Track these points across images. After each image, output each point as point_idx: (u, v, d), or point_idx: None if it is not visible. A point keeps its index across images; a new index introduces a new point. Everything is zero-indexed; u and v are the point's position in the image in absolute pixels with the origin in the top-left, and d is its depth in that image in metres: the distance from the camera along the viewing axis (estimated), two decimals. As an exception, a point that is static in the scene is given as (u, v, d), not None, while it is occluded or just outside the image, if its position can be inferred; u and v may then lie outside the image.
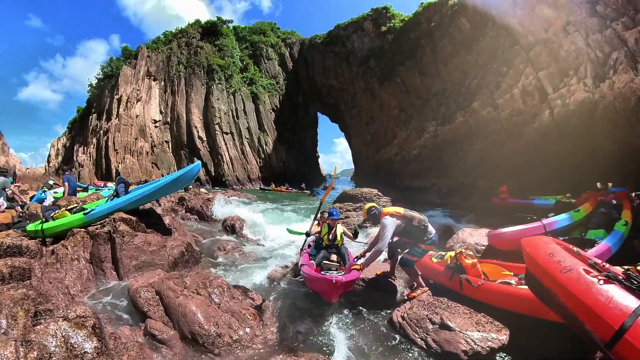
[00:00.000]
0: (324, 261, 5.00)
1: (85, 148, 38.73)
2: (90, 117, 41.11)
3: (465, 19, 21.54)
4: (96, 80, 45.66)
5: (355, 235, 5.56)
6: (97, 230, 5.20)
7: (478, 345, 3.09)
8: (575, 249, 2.45)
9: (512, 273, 4.24)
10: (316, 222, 6.28)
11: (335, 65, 41.43)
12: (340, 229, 5.37)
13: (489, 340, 3.13)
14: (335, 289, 3.55)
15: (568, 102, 12.12)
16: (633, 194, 6.95)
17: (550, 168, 11.96)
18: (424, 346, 3.28)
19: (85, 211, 5.65)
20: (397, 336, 3.56)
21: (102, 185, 19.76)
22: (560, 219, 6.36)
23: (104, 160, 36.71)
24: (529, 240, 2.63)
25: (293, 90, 49.57)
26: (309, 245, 5.82)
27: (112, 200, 6.15)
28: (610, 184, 7.64)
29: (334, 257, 5.17)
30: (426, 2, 27.95)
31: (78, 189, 10.77)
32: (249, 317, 3.75)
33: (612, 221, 5.78)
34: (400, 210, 4.16)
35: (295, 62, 51.50)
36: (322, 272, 4.53)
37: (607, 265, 2.21)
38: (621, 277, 1.93)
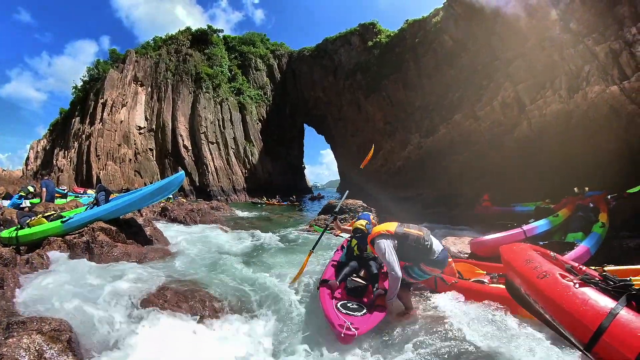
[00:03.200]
0: (350, 277, 4.17)
1: (66, 152, 37.46)
2: (73, 120, 40.05)
3: (447, 36, 22.39)
4: (81, 83, 44.91)
5: None
6: (75, 240, 5.07)
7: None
8: (552, 254, 2.51)
9: (484, 272, 4.38)
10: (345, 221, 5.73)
11: (323, 78, 42.09)
12: None
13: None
14: (343, 340, 2.86)
15: (545, 112, 12.63)
16: (609, 197, 7.21)
17: (530, 176, 12.32)
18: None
19: (63, 219, 5.52)
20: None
21: (81, 192, 19.11)
22: (540, 225, 6.53)
23: (84, 165, 35.60)
24: (507, 248, 2.69)
25: (280, 102, 49.85)
26: (342, 247, 4.98)
27: (91, 208, 6.05)
28: (587, 189, 7.93)
29: (362, 272, 4.38)
30: (411, 19, 29.01)
31: (56, 195, 10.40)
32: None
33: (590, 224, 5.93)
34: (391, 227, 3.46)
35: (283, 74, 52.01)
36: (347, 289, 3.92)
37: (584, 268, 2.32)
38: (597, 279, 1.95)
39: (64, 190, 16.02)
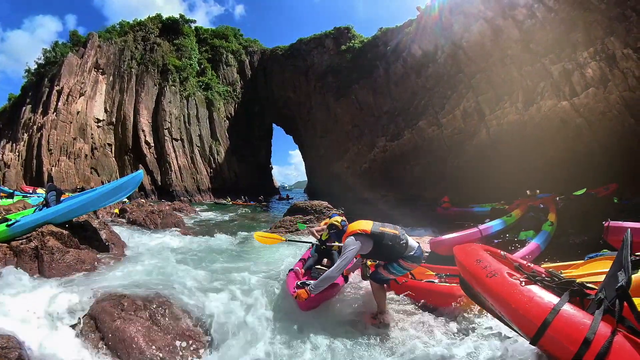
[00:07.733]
0: (315, 266, 4.83)
1: (14, 145, 33.01)
2: (24, 108, 35.45)
3: (417, 46, 23.21)
4: (35, 66, 40.00)
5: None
6: (22, 246, 4.62)
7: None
8: (502, 253, 2.65)
9: (434, 273, 4.69)
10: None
11: (294, 78, 41.91)
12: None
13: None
14: (300, 303, 3.41)
15: (502, 122, 13.62)
16: (557, 199, 7.84)
17: (486, 179, 13.17)
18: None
19: (9, 222, 5.04)
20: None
21: (30, 192, 17.31)
22: (495, 224, 6.86)
23: (35, 161, 31.60)
24: (460, 249, 2.81)
25: (250, 100, 48.72)
26: (312, 245, 5.54)
27: (40, 210, 5.59)
28: (538, 191, 8.61)
29: (325, 261, 4.98)
30: (385, 27, 29.82)
31: (1, 194, 9.38)
32: (198, 337, 3.37)
33: (540, 223, 6.39)
34: (367, 226, 3.40)
35: (254, 71, 51.05)
36: (312, 276, 4.53)
37: (532, 266, 2.45)
38: (544, 276, 2.07)
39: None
